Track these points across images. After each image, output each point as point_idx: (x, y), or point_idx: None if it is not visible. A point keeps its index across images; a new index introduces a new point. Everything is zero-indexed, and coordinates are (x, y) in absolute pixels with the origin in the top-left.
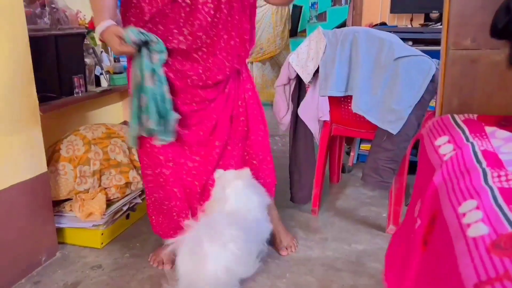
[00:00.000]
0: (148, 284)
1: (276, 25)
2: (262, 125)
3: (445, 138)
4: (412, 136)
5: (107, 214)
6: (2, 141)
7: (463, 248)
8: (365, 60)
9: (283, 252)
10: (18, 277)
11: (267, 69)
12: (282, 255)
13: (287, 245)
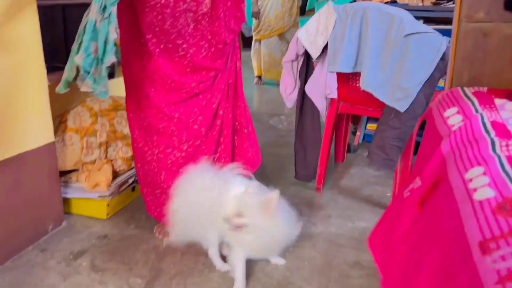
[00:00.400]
0: (153, 255)
1: (284, 2)
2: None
3: (454, 109)
4: (420, 114)
5: (113, 185)
6: (10, 110)
7: (469, 210)
8: (375, 36)
9: None
10: (26, 244)
11: (275, 48)
12: None
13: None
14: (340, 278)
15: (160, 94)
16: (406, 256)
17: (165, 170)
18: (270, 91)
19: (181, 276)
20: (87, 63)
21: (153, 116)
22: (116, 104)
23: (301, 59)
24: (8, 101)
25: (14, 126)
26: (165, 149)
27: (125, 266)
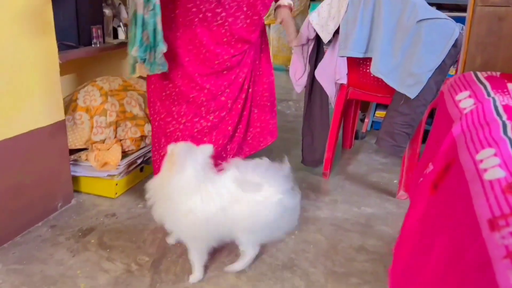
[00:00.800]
0: (160, 233)
1: None
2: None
3: (466, 93)
4: (429, 101)
5: (121, 165)
6: (22, 88)
7: (479, 189)
8: (387, 21)
9: None
10: (35, 220)
11: (284, 32)
12: None
13: None
14: (345, 261)
15: (194, 64)
16: (418, 239)
17: (191, 137)
18: (279, 76)
19: (187, 255)
20: (142, 52)
21: (185, 85)
22: (126, 84)
23: (311, 44)
24: (20, 79)
25: (25, 103)
26: (192, 118)
27: (132, 244)
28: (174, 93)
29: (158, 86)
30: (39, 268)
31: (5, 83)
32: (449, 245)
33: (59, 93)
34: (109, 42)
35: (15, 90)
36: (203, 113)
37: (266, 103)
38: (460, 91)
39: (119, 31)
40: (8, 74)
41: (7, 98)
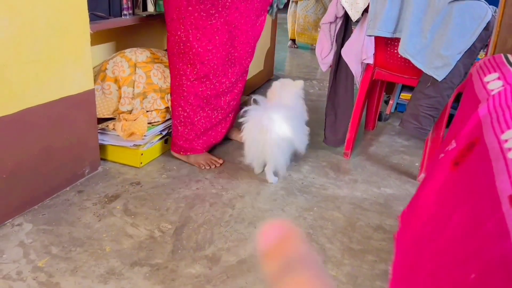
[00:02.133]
0: (183, 203)
1: None
2: None
3: (495, 74)
4: (457, 84)
5: (147, 135)
6: (54, 55)
7: (502, 167)
8: (417, 1)
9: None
10: (64, 185)
11: (311, 10)
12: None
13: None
14: (362, 239)
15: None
16: (435, 210)
17: (237, 95)
18: (304, 55)
19: (208, 225)
20: None
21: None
22: (154, 56)
23: (339, 22)
24: (52, 47)
25: (57, 71)
26: (244, 77)
27: (156, 212)
28: (235, 58)
29: (221, 54)
30: (67, 229)
31: (39, 51)
32: (469, 216)
33: (89, 62)
34: (139, 14)
35: (48, 58)
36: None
37: None
38: (489, 73)
39: (148, 3)
40: (42, 43)
41: (40, 66)
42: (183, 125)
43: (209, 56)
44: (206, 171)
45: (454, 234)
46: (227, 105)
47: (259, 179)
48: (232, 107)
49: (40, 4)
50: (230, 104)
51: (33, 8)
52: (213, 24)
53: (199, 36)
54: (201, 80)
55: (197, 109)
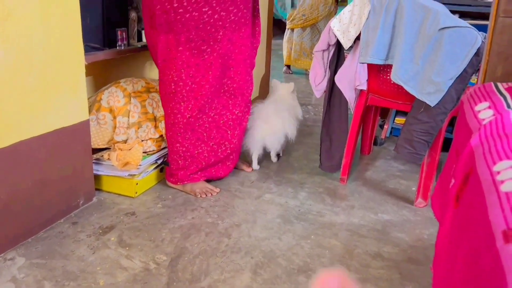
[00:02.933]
0: (178, 233)
1: None
2: None
3: (485, 103)
4: (450, 109)
5: (142, 165)
6: (49, 87)
7: (495, 200)
8: (408, 28)
9: (248, 169)
10: (58, 216)
11: (307, 37)
12: (248, 171)
13: (248, 165)
14: (360, 267)
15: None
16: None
17: (239, 126)
18: (298, 80)
19: (204, 256)
20: None
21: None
22: (149, 86)
23: (332, 49)
24: (47, 79)
25: (52, 102)
26: (244, 108)
27: (151, 243)
28: (231, 88)
29: (215, 85)
30: (60, 263)
31: (34, 83)
32: (467, 255)
33: (84, 93)
34: (133, 44)
35: (43, 90)
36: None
37: None
38: (479, 102)
39: (143, 34)
40: (37, 74)
41: (35, 97)
42: (183, 159)
43: (202, 91)
44: (202, 200)
45: (459, 274)
46: (236, 138)
47: (255, 207)
48: (242, 141)
49: (35, 36)
50: (240, 138)
51: (28, 40)
52: (206, 60)
53: (192, 73)
54: (196, 116)
55: (197, 142)
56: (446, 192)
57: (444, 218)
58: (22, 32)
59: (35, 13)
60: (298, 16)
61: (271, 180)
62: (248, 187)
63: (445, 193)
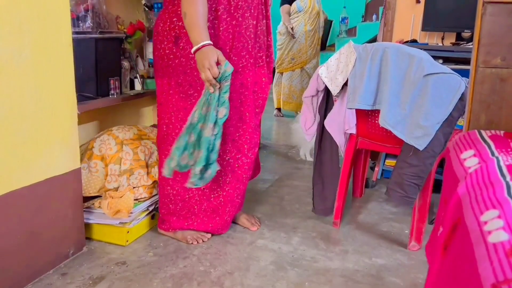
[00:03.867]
0: (170, 283)
1: (308, 36)
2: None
3: (471, 151)
4: (438, 153)
5: (134, 212)
6: (41, 137)
7: (483, 252)
8: (394, 75)
9: (254, 228)
10: (47, 267)
11: (296, 80)
12: (252, 230)
13: (255, 222)
14: None
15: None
16: None
17: (232, 173)
18: (289, 123)
19: None
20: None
21: (233, 126)
22: (141, 133)
23: (321, 95)
24: (39, 129)
25: (43, 152)
26: (236, 155)
27: None
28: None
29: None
30: None
31: (26, 133)
32: None
33: (76, 142)
34: (126, 92)
35: (35, 140)
36: (245, 150)
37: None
38: (465, 150)
39: (135, 82)
40: (29, 125)
41: (27, 148)
42: (174, 203)
43: None
44: (194, 247)
45: None
46: (229, 186)
47: (247, 253)
48: (237, 191)
49: (27, 88)
50: (234, 187)
51: (20, 93)
52: (193, 104)
53: (181, 116)
54: None
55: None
56: (435, 239)
57: (432, 268)
58: (14, 85)
59: (28, 67)
60: (287, 60)
61: (264, 224)
62: (240, 233)
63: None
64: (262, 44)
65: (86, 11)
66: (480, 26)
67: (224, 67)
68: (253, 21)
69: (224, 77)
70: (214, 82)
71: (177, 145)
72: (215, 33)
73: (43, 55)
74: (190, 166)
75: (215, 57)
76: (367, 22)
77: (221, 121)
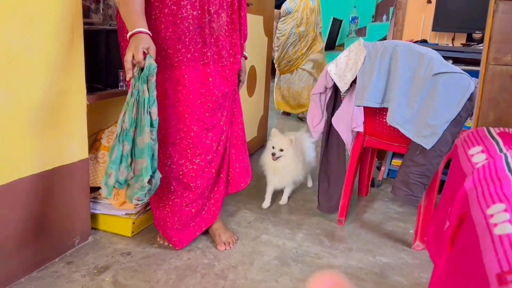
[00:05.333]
0: (174, 274)
1: (302, 37)
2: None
3: (479, 148)
4: (445, 152)
5: (140, 204)
6: (50, 127)
7: (489, 244)
8: (403, 73)
9: (220, 247)
10: (53, 256)
11: (294, 80)
12: (219, 250)
13: (226, 240)
14: None
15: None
16: None
17: (175, 180)
18: (296, 121)
19: None
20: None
21: (172, 128)
22: None
23: (329, 92)
24: (49, 118)
25: (53, 141)
26: (178, 160)
27: (146, 284)
28: (160, 135)
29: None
30: None
31: (35, 123)
32: None
33: (85, 132)
34: None
35: (44, 130)
36: (189, 155)
37: (241, 142)
38: (473, 146)
39: None
40: (39, 115)
41: (36, 137)
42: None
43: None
44: (198, 240)
45: None
46: (174, 195)
47: (252, 248)
48: (185, 200)
49: (38, 78)
50: (178, 194)
51: (32, 82)
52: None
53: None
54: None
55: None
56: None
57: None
58: (25, 76)
59: (39, 58)
60: (284, 63)
61: (268, 221)
62: (245, 228)
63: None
64: (213, 40)
65: (97, 3)
66: (492, 24)
67: (149, 60)
68: (195, 12)
69: (150, 72)
70: (129, 66)
71: (112, 158)
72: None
73: (54, 47)
74: (129, 180)
75: (147, 45)
76: (377, 22)
77: (156, 123)
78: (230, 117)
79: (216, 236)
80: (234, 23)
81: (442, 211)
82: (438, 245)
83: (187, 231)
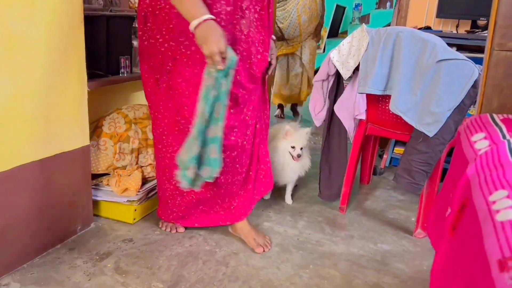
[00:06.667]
0: (175, 261)
1: (303, 28)
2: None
3: (481, 134)
4: (448, 140)
5: (141, 191)
6: (51, 113)
7: (490, 229)
8: (406, 60)
9: (259, 250)
10: (55, 242)
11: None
12: (257, 252)
13: (263, 243)
14: None
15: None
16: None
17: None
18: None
19: (201, 284)
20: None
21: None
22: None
23: (331, 79)
24: (50, 104)
25: (54, 127)
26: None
27: (148, 270)
28: (187, 128)
29: (172, 122)
30: None
31: (36, 109)
32: (463, 283)
33: (86, 119)
34: (136, 72)
35: (45, 116)
36: None
37: (266, 137)
38: (475, 132)
39: None
40: (40, 101)
41: (37, 124)
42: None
43: (158, 122)
44: (200, 227)
45: None
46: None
47: None
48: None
49: (39, 64)
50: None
51: (33, 68)
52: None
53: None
54: (158, 148)
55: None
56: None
57: (440, 246)
58: (26, 61)
59: (40, 43)
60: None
61: (270, 208)
62: None
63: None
64: (243, 36)
65: None
66: (497, 8)
67: (230, 52)
68: (228, 8)
69: (232, 64)
70: (218, 59)
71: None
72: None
73: (55, 32)
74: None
75: (222, 32)
76: (381, 9)
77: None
78: (256, 113)
79: (249, 238)
80: (263, 19)
81: (444, 197)
82: (439, 231)
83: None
